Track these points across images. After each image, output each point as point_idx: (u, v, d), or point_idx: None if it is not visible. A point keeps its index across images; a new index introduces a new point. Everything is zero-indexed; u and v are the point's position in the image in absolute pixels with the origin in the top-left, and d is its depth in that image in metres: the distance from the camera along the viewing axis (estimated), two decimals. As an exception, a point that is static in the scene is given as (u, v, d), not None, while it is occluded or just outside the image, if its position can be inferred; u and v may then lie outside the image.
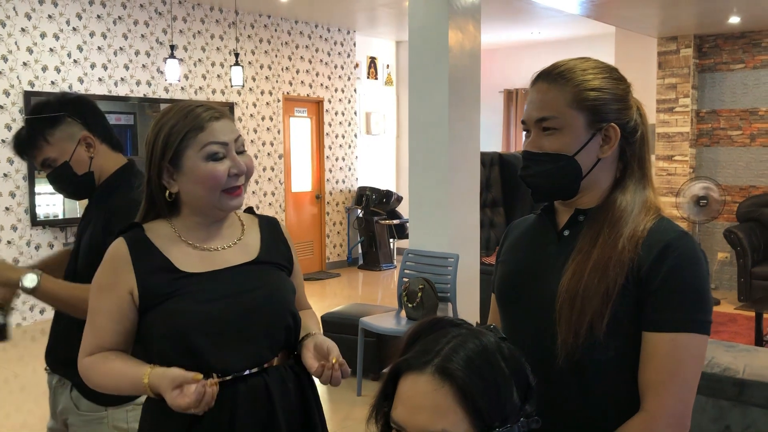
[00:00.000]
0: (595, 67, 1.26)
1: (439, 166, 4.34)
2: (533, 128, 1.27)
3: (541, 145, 1.26)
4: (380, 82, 9.32)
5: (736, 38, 7.27)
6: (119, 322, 1.47)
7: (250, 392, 1.46)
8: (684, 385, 1.16)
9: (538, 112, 1.26)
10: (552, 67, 1.29)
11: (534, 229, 1.38)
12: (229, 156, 1.47)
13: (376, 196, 8.53)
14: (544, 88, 1.26)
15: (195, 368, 1.40)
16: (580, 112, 1.23)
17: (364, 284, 8.10)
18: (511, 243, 1.43)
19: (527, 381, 1.01)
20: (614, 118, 1.24)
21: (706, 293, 1.18)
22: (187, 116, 1.46)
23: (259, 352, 1.49)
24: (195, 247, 1.51)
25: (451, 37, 4.27)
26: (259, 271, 1.54)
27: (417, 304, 4.18)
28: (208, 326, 1.43)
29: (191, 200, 1.49)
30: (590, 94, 1.23)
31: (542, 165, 1.26)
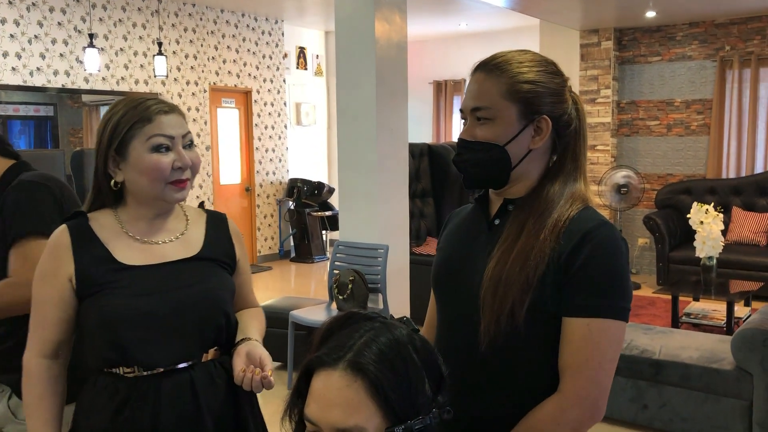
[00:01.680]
0: (531, 60, 1.29)
1: (367, 158, 4.34)
2: (469, 117, 1.31)
3: (474, 134, 1.29)
4: (310, 72, 9.25)
5: (653, 32, 7.54)
6: (64, 309, 1.48)
7: (175, 387, 1.46)
8: (598, 369, 1.20)
9: (473, 102, 1.29)
10: (490, 58, 1.31)
11: (469, 218, 1.42)
12: (174, 149, 1.49)
13: (307, 188, 8.48)
14: (481, 79, 1.29)
15: (121, 361, 1.44)
16: (513, 104, 1.26)
17: (297, 277, 8.06)
18: (449, 231, 1.47)
19: (440, 372, 1.02)
20: (547, 111, 1.28)
21: (623, 280, 1.22)
22: (137, 107, 1.48)
23: (188, 348, 1.49)
24: (136, 239, 1.52)
25: (377, 29, 4.27)
26: (198, 268, 1.55)
27: (348, 295, 4.18)
28: (136, 320, 1.44)
29: (136, 190, 1.50)
30: (524, 87, 1.26)
31: (474, 153, 1.29)
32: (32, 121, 6.40)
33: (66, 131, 6.57)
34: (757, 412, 3.24)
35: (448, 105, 10.31)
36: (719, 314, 5.11)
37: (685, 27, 7.37)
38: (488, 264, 1.26)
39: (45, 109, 6.42)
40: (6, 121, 6.12)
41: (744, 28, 7.07)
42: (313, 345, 1.05)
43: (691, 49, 7.35)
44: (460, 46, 9.96)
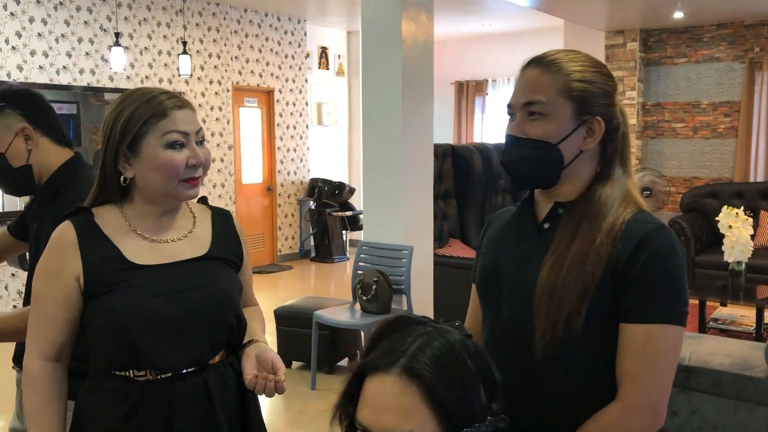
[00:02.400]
0: (586, 60, 1.27)
1: (392, 158, 4.32)
2: (519, 112, 1.27)
3: (525, 130, 1.26)
4: (331, 72, 9.24)
5: (679, 33, 7.45)
6: (68, 309, 1.42)
7: (189, 391, 1.43)
8: (659, 376, 1.18)
9: (526, 96, 1.26)
10: (543, 54, 1.29)
11: (514, 221, 1.38)
12: (188, 146, 1.45)
13: (328, 188, 8.47)
14: (536, 74, 1.26)
15: (133, 364, 1.39)
16: (568, 102, 1.24)
17: (317, 277, 8.05)
18: (491, 235, 1.43)
19: (493, 379, 1.00)
20: (600, 113, 1.25)
21: (681, 284, 1.19)
22: (150, 102, 1.43)
23: (200, 350, 1.46)
24: (145, 237, 1.47)
25: (404, 29, 4.25)
26: (208, 268, 1.51)
27: (371, 296, 4.16)
28: (150, 322, 1.40)
29: (146, 187, 1.45)
30: (580, 85, 1.24)
31: (524, 150, 1.26)
32: (58, 120, 6.44)
33: (88, 129, 6.61)
34: (791, 421, 3.17)
35: (470, 106, 10.26)
36: (748, 320, 5.03)
37: (713, 28, 7.27)
38: (541, 270, 1.23)
39: (68, 107, 6.46)
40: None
41: (773, 30, 6.97)
42: (364, 349, 1.04)
43: (718, 51, 7.25)
44: (483, 47, 9.91)
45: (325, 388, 4.28)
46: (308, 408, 4.04)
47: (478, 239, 5.52)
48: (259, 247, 8.27)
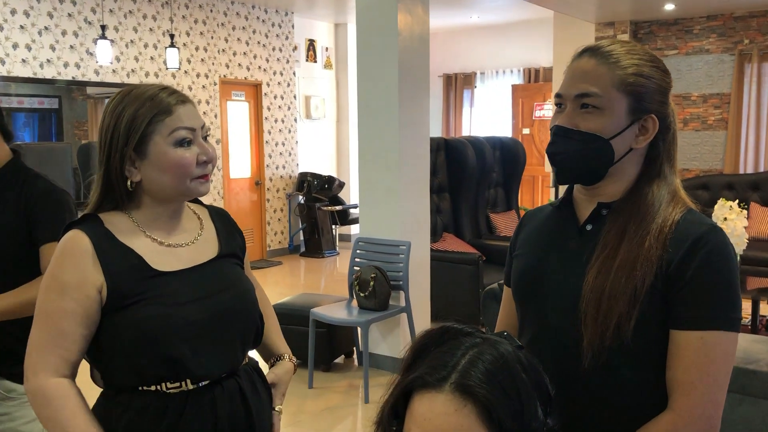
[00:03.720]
0: (644, 54, 1.21)
1: (389, 152, 4.25)
2: (570, 103, 1.20)
3: (576, 123, 1.19)
4: (319, 65, 9.14)
5: (669, 25, 7.44)
6: (87, 325, 1.32)
7: (228, 398, 1.39)
8: (714, 384, 1.12)
9: (579, 87, 1.18)
10: (598, 45, 1.22)
11: (553, 222, 1.32)
12: (196, 142, 1.38)
13: (317, 182, 8.39)
14: (592, 64, 1.19)
15: (172, 376, 1.32)
16: (624, 96, 1.17)
17: (307, 272, 7.97)
18: (527, 235, 1.36)
19: (548, 393, 0.94)
20: (655, 110, 1.20)
21: (735, 289, 1.14)
22: (153, 99, 1.35)
23: (234, 354, 1.42)
24: (161, 243, 1.40)
25: (400, 20, 4.17)
26: (225, 269, 1.46)
27: (369, 293, 4.10)
28: (185, 331, 1.33)
29: (156, 189, 1.38)
30: (639, 80, 1.18)
31: (574, 143, 1.19)
32: (36, 113, 6.29)
33: (71, 124, 6.47)
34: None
35: (458, 99, 10.22)
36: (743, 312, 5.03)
37: (703, 20, 7.27)
38: (588, 274, 1.17)
39: (49, 102, 6.31)
40: (10, 114, 6.02)
41: (763, 21, 6.97)
42: (404, 362, 0.97)
43: (708, 43, 7.25)
44: (471, 39, 9.86)
45: (323, 386, 4.22)
46: (306, 407, 3.97)
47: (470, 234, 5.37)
48: (248, 242, 8.10)
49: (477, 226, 6.13)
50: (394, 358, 4.40)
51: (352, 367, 4.59)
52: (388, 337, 4.41)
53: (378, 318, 4.08)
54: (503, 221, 6.34)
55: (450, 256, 5.29)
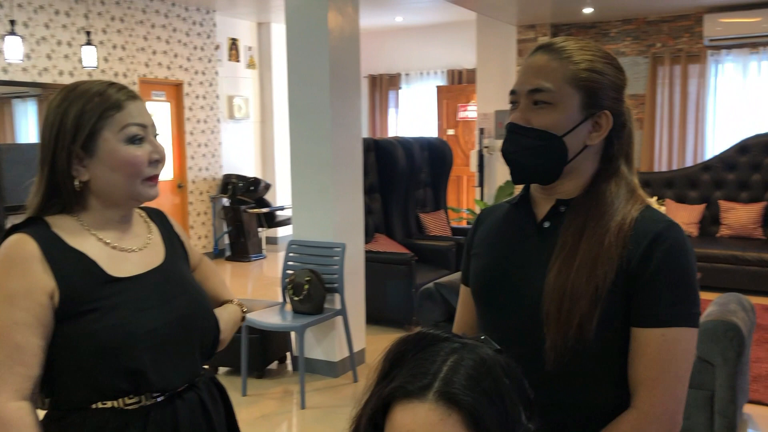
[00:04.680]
0: (597, 51, 1.20)
1: (323, 154, 4.19)
2: (524, 99, 1.19)
3: (528, 119, 1.18)
4: (242, 64, 8.95)
5: (588, 27, 7.68)
6: (42, 336, 1.21)
7: (189, 409, 1.32)
8: (676, 381, 1.12)
9: (532, 82, 1.17)
10: (552, 41, 1.21)
11: (510, 219, 1.30)
12: (147, 139, 1.31)
13: (242, 184, 8.21)
14: (544, 60, 1.18)
15: (132, 390, 1.24)
16: (576, 91, 1.16)
17: (234, 276, 7.79)
18: (484, 234, 1.34)
19: (528, 396, 0.92)
20: (608, 106, 1.18)
21: (694, 285, 1.15)
22: (102, 95, 1.27)
23: (193, 364, 1.35)
24: (114, 247, 1.32)
25: (330, 20, 4.12)
26: (177, 272, 1.40)
27: (304, 296, 4.03)
28: (146, 340, 1.25)
29: (105, 190, 1.29)
30: (591, 75, 1.17)
31: (527, 141, 1.18)
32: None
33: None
34: (719, 402, 3.29)
35: (384, 100, 10.24)
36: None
37: (619, 24, 7.54)
38: (548, 274, 1.15)
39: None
40: None
41: (674, 26, 7.29)
42: (380, 371, 0.93)
43: (624, 45, 7.53)
44: (396, 40, 9.89)
45: (257, 393, 4.12)
46: (240, 415, 3.83)
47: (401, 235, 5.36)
48: (171, 247, 7.90)
49: (408, 227, 6.14)
50: (330, 361, 4.34)
51: (286, 372, 4.49)
52: (324, 341, 4.35)
53: (313, 322, 4.01)
54: (433, 221, 6.37)
55: (383, 257, 5.27)
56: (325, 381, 4.29)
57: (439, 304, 3.82)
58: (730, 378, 3.24)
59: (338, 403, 3.98)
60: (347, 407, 3.87)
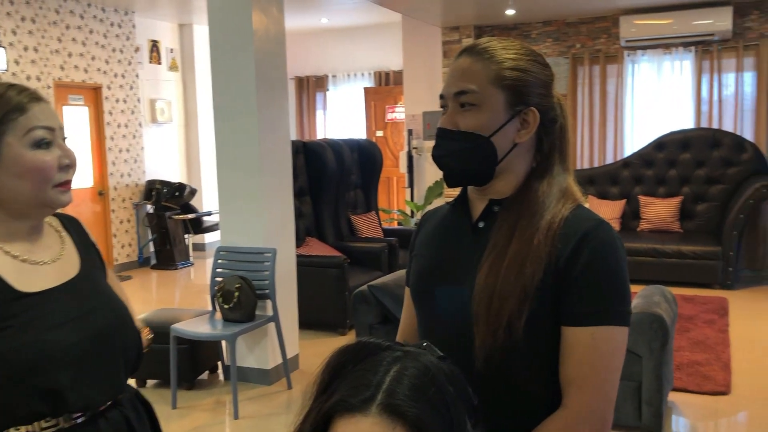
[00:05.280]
0: (521, 48, 1.20)
1: (250, 157, 4.10)
2: (451, 103, 1.19)
3: (456, 122, 1.18)
4: (164, 67, 8.70)
5: (510, 29, 7.83)
6: None
7: (113, 428, 1.24)
8: (606, 380, 1.12)
9: (457, 85, 1.17)
10: (475, 43, 1.21)
11: (448, 220, 1.29)
12: (56, 143, 1.23)
13: (167, 190, 7.98)
14: (468, 62, 1.18)
15: (49, 412, 1.16)
16: (501, 91, 1.16)
17: (160, 285, 7.56)
18: (425, 236, 1.33)
19: (472, 402, 0.89)
20: (535, 103, 1.19)
21: (624, 283, 1.15)
22: (1, 98, 1.19)
23: (117, 380, 1.28)
24: (23, 260, 1.23)
25: (255, 21, 4.03)
26: (94, 284, 1.32)
27: (234, 304, 3.93)
28: (64, 358, 1.17)
29: (11, 199, 1.21)
30: (513, 74, 1.17)
31: (456, 144, 1.18)
32: None
33: None
34: (646, 392, 3.40)
35: (312, 101, 10.16)
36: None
37: (540, 25, 7.71)
38: (478, 273, 1.15)
39: None
40: None
41: (592, 27, 7.52)
42: (319, 384, 0.89)
43: (545, 47, 7.70)
44: (322, 42, 9.83)
45: (188, 405, 3.99)
46: (171, 429, 3.73)
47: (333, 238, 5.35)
48: (92, 257, 7.59)
49: (339, 229, 6.10)
50: (263, 369, 4.25)
51: (217, 382, 4.38)
52: (256, 348, 4.25)
53: (245, 330, 3.92)
54: (364, 223, 6.35)
55: (315, 260, 5.21)
56: (259, 389, 4.20)
57: (373, 306, 3.80)
58: (656, 368, 3.34)
59: (273, 411, 3.90)
60: (282, 415, 3.81)
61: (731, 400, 3.86)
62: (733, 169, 6.76)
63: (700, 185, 6.95)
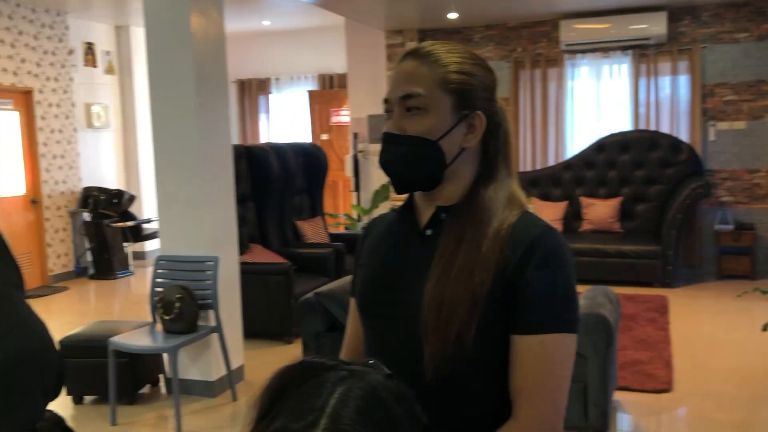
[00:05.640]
0: (465, 53, 1.19)
1: (190, 162, 3.97)
2: (397, 107, 1.16)
3: (403, 127, 1.15)
4: (100, 70, 8.43)
5: (453, 33, 7.87)
6: None
7: None
8: (556, 388, 1.10)
9: (403, 89, 1.15)
10: (420, 46, 1.19)
11: (395, 228, 1.26)
12: None
13: (105, 197, 7.72)
14: (413, 65, 1.16)
15: None
16: (447, 95, 1.15)
17: (99, 296, 7.30)
18: (371, 244, 1.29)
19: (421, 421, 0.85)
20: (481, 107, 1.17)
21: (573, 290, 1.13)
22: None
23: (33, 408, 1.19)
24: None
25: (193, 23, 3.92)
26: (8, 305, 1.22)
27: (175, 315, 3.80)
28: None
29: None
30: (460, 77, 1.15)
31: (403, 149, 1.15)
32: None
33: None
34: (592, 392, 3.43)
35: (254, 105, 10.02)
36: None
37: (482, 29, 7.78)
38: (427, 282, 1.12)
39: None
40: None
41: (533, 31, 7.62)
42: (259, 408, 0.82)
43: (488, 51, 7.77)
44: (265, 45, 9.70)
45: (128, 422, 3.84)
46: (110, 447, 3.58)
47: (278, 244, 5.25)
48: (26, 267, 7.27)
49: (284, 235, 6.00)
50: (207, 381, 4.13)
51: (160, 396, 4.23)
52: (199, 360, 4.13)
53: (187, 342, 3.80)
54: (310, 228, 6.27)
55: (259, 268, 5.10)
56: (203, 402, 4.07)
57: (320, 314, 3.73)
58: (602, 369, 3.38)
59: (217, 424, 3.78)
60: (227, 428, 3.70)
61: (673, 397, 3.94)
62: (671, 170, 6.95)
63: (639, 186, 7.12)
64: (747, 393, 3.95)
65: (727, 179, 7.00)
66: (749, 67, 6.86)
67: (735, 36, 6.89)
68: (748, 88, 6.89)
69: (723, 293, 6.24)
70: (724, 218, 6.90)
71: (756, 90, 6.87)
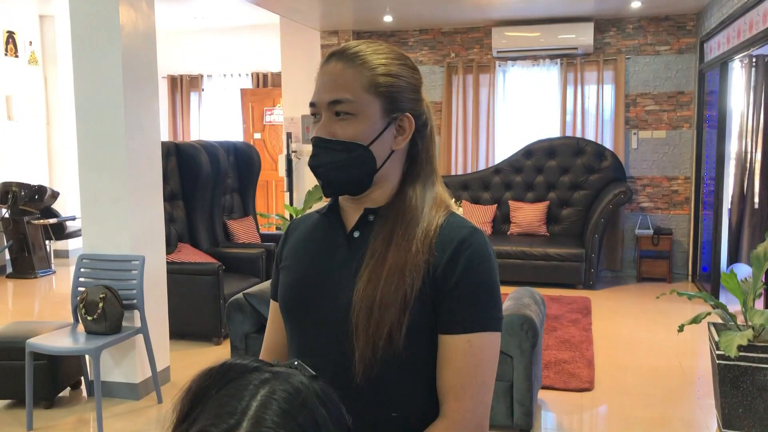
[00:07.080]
0: (391, 52, 1.18)
1: (116, 159, 3.86)
2: (325, 111, 1.15)
3: (333, 131, 1.14)
4: (22, 60, 8.09)
5: (388, 36, 7.91)
6: None
7: None
8: (483, 386, 1.13)
9: (331, 94, 1.14)
10: (345, 47, 1.17)
11: (320, 230, 1.25)
12: None
13: (25, 193, 7.41)
14: (339, 68, 1.14)
15: None
16: (376, 98, 1.14)
17: (17, 296, 7.00)
18: (293, 245, 1.28)
19: (347, 424, 0.86)
20: (409, 108, 1.18)
21: (497, 290, 1.16)
22: None
23: None
24: None
25: (122, 15, 3.81)
26: None
27: (98, 316, 3.69)
28: None
29: None
30: (387, 80, 1.15)
31: (335, 154, 1.14)
32: None
33: None
34: (517, 392, 3.51)
35: (185, 101, 9.82)
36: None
37: (417, 33, 7.85)
38: (358, 284, 1.13)
39: None
40: None
41: (466, 37, 7.74)
42: (179, 411, 0.81)
43: (422, 55, 7.85)
44: (196, 41, 9.52)
45: (46, 426, 3.70)
46: (26, 453, 3.45)
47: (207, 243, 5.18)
48: (-63, 266, 6.92)
49: (214, 235, 5.90)
50: (131, 383, 4.02)
51: (80, 399, 4.09)
52: (123, 362, 4.02)
53: (110, 343, 3.69)
54: (241, 228, 6.19)
55: (187, 267, 5.00)
56: (126, 405, 3.96)
57: (249, 315, 3.69)
58: (527, 368, 3.47)
59: (141, 427, 3.69)
60: (151, 431, 3.61)
61: (594, 395, 4.08)
62: (595, 176, 7.19)
63: (564, 191, 7.33)
64: (663, 391, 4.13)
65: (648, 186, 7.30)
66: (669, 78, 7.17)
67: (657, 48, 7.19)
68: (668, 99, 7.20)
69: (642, 295, 6.50)
70: (644, 223, 7.19)
71: (675, 101, 7.19)
